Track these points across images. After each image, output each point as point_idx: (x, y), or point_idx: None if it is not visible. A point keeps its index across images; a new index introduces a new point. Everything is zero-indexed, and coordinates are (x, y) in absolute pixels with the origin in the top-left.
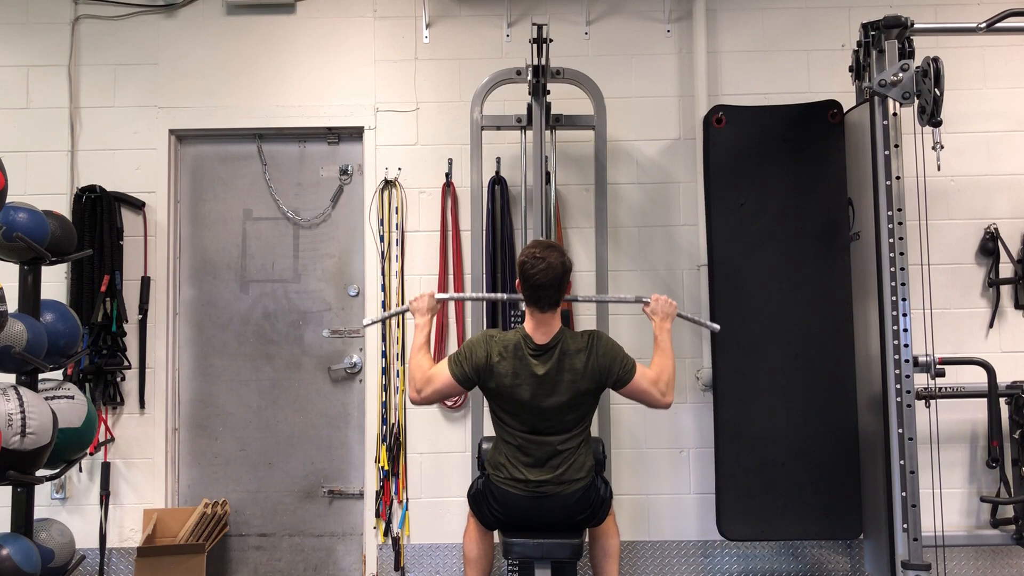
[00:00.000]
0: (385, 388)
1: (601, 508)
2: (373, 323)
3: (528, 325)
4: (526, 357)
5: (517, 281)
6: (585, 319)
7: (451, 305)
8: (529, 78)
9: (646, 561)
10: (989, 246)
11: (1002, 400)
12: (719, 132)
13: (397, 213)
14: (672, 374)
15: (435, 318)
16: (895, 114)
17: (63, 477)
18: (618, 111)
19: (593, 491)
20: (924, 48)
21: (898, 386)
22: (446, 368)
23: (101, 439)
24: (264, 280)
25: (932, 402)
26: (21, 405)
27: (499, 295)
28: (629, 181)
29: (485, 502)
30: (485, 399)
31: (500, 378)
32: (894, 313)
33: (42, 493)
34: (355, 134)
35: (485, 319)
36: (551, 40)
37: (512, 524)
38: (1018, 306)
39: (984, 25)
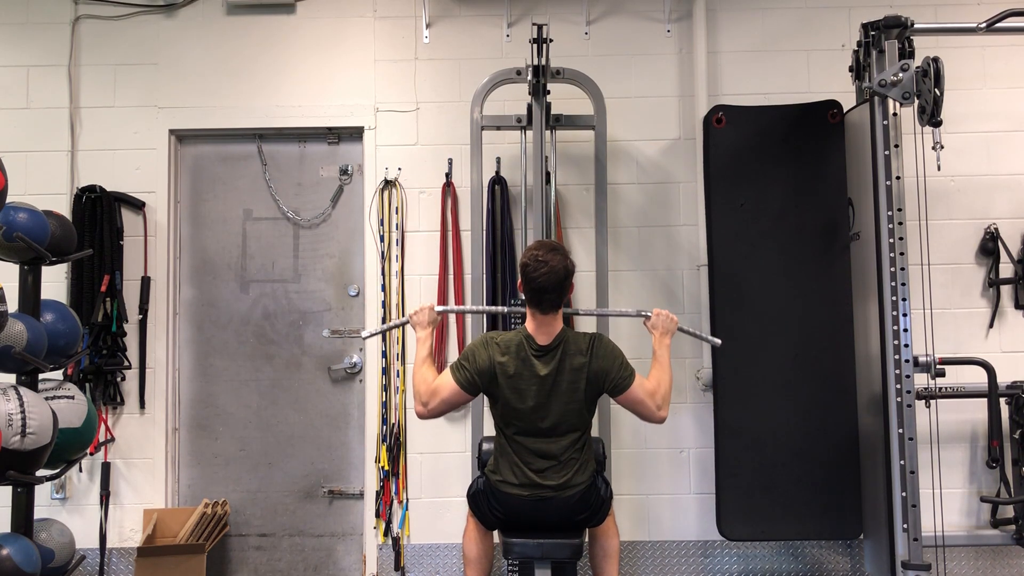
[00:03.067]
0: (385, 388)
1: (601, 508)
2: (373, 335)
3: (530, 326)
4: (529, 357)
5: (519, 281)
6: (585, 319)
7: (450, 304)
8: (529, 78)
9: (646, 561)
10: (989, 246)
11: (1002, 400)
12: (719, 132)
13: (397, 213)
14: (669, 389)
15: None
16: (895, 114)
17: (63, 477)
18: (618, 111)
19: (594, 491)
20: (924, 48)
21: (898, 386)
22: (450, 377)
23: (101, 439)
24: (264, 280)
25: (932, 402)
26: (21, 405)
27: (500, 308)
28: (629, 181)
29: (485, 501)
30: (486, 400)
31: (504, 376)
32: (894, 313)
33: (42, 493)
34: (355, 134)
35: (485, 321)
36: (551, 40)
37: (512, 524)
38: (1018, 306)
39: (984, 25)
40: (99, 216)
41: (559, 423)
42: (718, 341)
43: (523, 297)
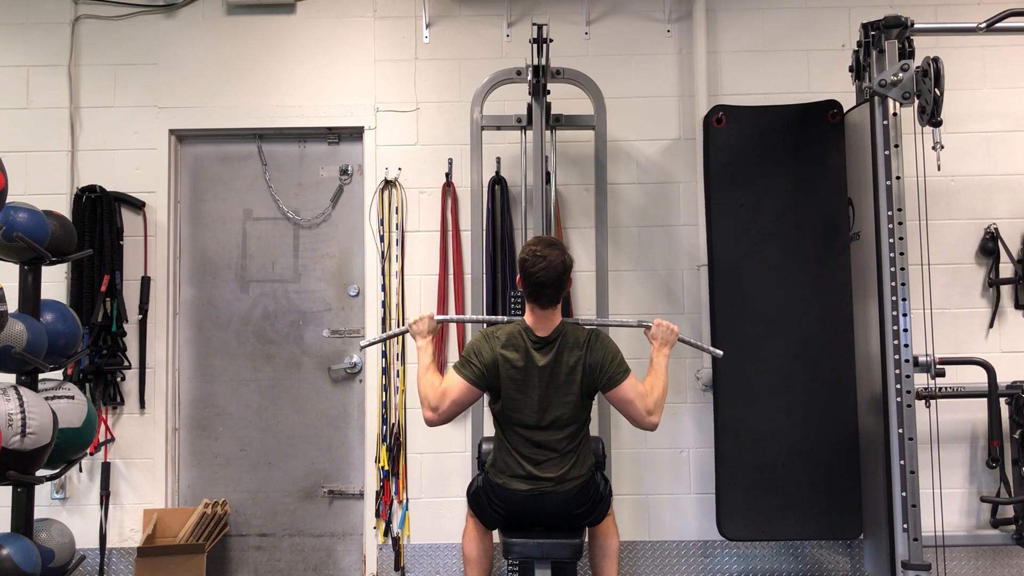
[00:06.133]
0: (385, 388)
1: (600, 504)
2: (372, 344)
3: (528, 319)
4: (528, 349)
5: (518, 277)
6: (585, 310)
7: (451, 304)
8: (529, 78)
9: (646, 561)
10: (989, 246)
11: (1002, 400)
12: (719, 132)
13: (397, 213)
14: (662, 397)
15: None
16: (895, 114)
17: (63, 477)
18: (618, 111)
19: (592, 485)
20: (924, 48)
21: (898, 386)
22: (457, 377)
23: (101, 439)
24: (264, 280)
25: (932, 402)
26: (21, 405)
27: (500, 318)
28: (629, 181)
29: (486, 498)
30: (486, 399)
31: (507, 368)
32: (894, 313)
33: (42, 493)
34: (355, 134)
35: (485, 307)
36: (551, 40)
37: (512, 520)
38: (1018, 306)
39: (984, 25)
40: (99, 216)
41: (558, 416)
42: (720, 352)
43: (520, 292)
